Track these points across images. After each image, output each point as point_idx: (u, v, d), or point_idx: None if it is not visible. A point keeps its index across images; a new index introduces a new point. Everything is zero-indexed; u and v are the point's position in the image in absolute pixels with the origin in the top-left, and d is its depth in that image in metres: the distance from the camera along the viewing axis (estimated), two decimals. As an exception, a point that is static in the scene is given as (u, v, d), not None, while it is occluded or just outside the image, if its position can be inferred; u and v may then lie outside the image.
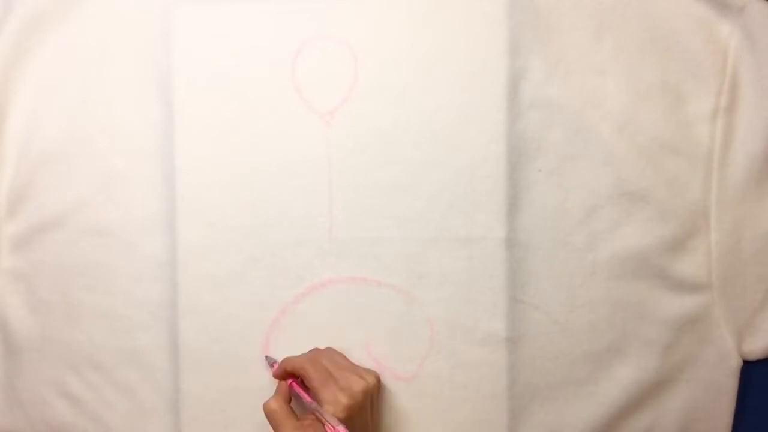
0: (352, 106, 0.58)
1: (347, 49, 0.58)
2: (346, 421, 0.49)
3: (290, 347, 0.58)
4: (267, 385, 0.58)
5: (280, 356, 0.58)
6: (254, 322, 0.58)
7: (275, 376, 0.56)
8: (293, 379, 0.55)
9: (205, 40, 0.59)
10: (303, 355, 0.56)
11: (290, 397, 0.54)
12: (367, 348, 0.58)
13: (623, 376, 0.57)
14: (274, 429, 0.52)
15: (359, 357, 0.58)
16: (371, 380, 0.53)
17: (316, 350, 0.57)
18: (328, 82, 0.58)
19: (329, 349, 0.57)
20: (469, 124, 0.57)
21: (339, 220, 0.58)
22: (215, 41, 0.59)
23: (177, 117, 0.58)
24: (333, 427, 0.48)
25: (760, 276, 0.56)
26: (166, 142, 0.59)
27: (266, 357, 0.58)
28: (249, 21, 0.58)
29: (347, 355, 0.57)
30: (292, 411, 0.53)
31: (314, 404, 0.51)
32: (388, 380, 0.58)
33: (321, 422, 0.49)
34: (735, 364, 0.57)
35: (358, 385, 0.52)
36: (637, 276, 0.57)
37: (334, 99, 0.58)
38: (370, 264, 0.58)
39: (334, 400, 0.50)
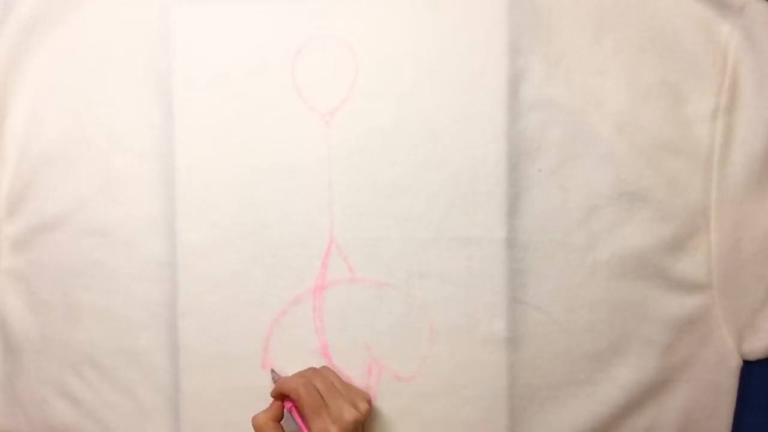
0: (352, 106, 0.58)
1: (347, 49, 0.58)
2: None
3: (290, 347, 0.58)
4: (267, 386, 0.58)
5: (280, 361, 0.58)
6: (254, 322, 0.58)
7: (272, 395, 0.55)
8: (291, 401, 0.54)
9: (204, 40, 0.59)
10: (298, 377, 0.54)
11: (281, 415, 0.54)
12: (367, 348, 0.58)
13: (623, 376, 0.57)
14: None
15: (359, 357, 0.58)
16: (363, 408, 0.53)
17: (311, 371, 0.56)
18: (328, 82, 0.58)
19: (324, 369, 0.56)
20: (469, 124, 0.57)
21: (339, 220, 0.58)
22: (215, 41, 0.59)
23: (177, 117, 0.58)
24: None
25: (760, 276, 0.56)
26: (166, 142, 0.59)
27: (272, 371, 0.58)
28: (249, 21, 0.58)
29: (347, 355, 0.58)
30: (281, 428, 0.53)
31: None
32: (388, 380, 0.58)
33: None
34: (735, 364, 0.57)
35: (350, 415, 0.51)
36: (637, 276, 0.57)
37: (334, 99, 0.58)
38: (370, 264, 0.58)
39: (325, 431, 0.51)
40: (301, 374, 0.55)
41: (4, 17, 0.59)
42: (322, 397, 0.52)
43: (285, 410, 0.54)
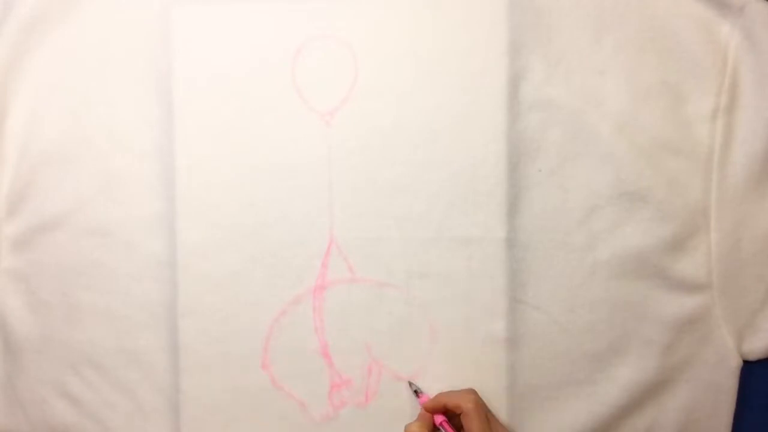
0: (352, 106, 0.58)
1: (347, 49, 0.58)
2: None
3: (290, 348, 0.58)
4: (267, 386, 0.58)
5: (280, 361, 0.58)
6: (254, 322, 0.58)
7: (428, 409, 0.54)
8: (443, 415, 0.53)
9: (204, 40, 0.59)
10: (464, 396, 0.53)
11: (433, 428, 0.53)
12: (367, 348, 0.58)
13: (623, 376, 0.57)
14: None
15: (359, 357, 0.58)
16: None
17: (476, 394, 0.54)
18: (328, 82, 0.58)
19: (481, 399, 0.54)
20: (469, 124, 0.57)
21: (339, 221, 0.58)
22: (215, 41, 0.59)
23: (177, 117, 0.58)
24: None
25: (760, 276, 0.56)
26: (166, 142, 0.59)
27: (410, 383, 0.57)
28: (249, 21, 0.58)
29: (347, 355, 0.58)
30: None
31: None
32: (388, 380, 0.58)
33: None
34: (735, 364, 0.57)
35: None
36: (637, 276, 0.57)
37: (334, 99, 0.58)
38: (370, 264, 0.58)
39: None
40: (466, 392, 0.54)
41: (4, 17, 0.59)
42: (489, 424, 0.52)
43: (436, 424, 0.54)
